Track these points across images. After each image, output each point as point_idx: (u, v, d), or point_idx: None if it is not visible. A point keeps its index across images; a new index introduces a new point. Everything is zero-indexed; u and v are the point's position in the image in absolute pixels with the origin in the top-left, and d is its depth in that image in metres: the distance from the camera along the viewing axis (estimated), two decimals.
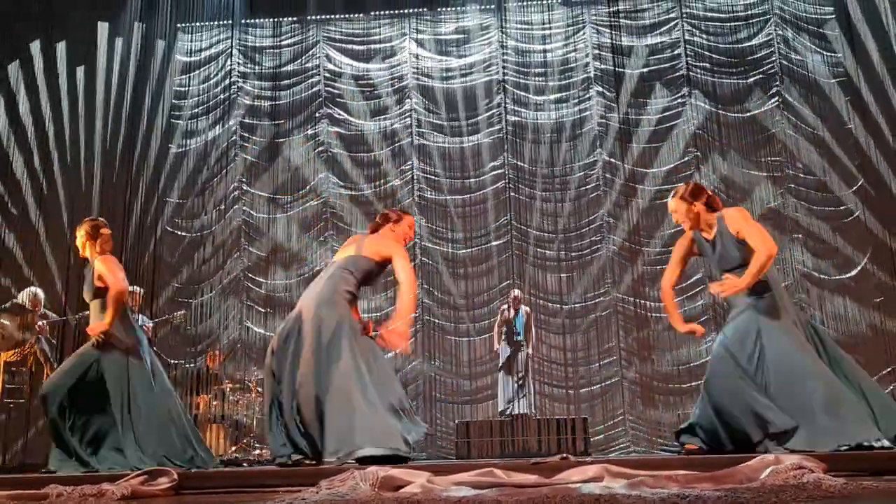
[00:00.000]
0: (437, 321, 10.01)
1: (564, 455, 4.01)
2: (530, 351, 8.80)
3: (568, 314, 9.84)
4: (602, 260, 9.97)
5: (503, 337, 8.73)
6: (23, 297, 7.08)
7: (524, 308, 8.88)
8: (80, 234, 4.93)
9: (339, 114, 10.66)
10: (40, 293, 7.28)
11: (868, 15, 9.60)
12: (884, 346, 8.96)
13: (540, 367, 9.31)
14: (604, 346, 9.72)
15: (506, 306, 8.87)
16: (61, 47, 9.43)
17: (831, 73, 10.01)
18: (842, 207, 9.68)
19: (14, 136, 8.81)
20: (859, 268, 9.44)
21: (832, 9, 10.13)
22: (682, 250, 4.42)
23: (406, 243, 4.68)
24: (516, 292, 8.96)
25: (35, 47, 9.19)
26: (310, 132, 10.63)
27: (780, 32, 10.29)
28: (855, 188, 9.64)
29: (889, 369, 8.82)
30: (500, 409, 8.80)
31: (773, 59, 10.23)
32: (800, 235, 9.77)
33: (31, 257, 8.58)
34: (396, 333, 4.30)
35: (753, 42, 10.35)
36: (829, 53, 10.07)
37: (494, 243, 10.10)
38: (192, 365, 8.68)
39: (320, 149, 10.57)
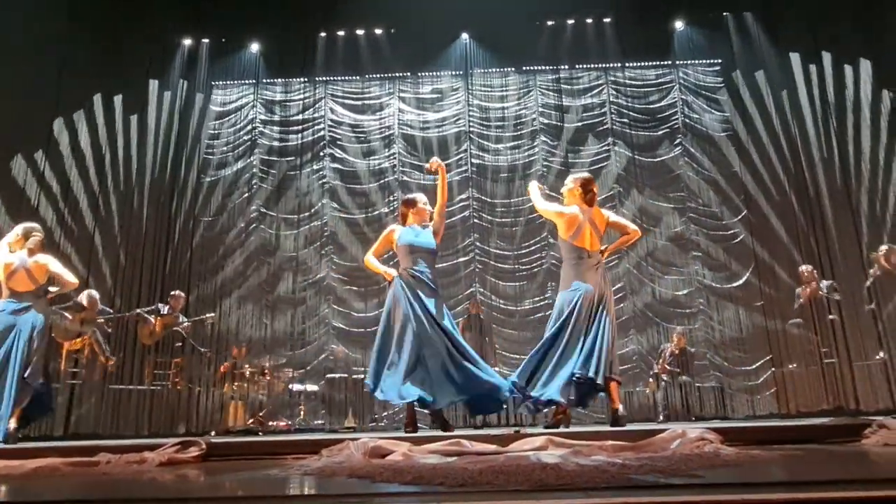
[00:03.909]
0: None
1: (517, 429, 3.96)
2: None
3: (519, 314, 9.82)
4: (545, 271, 9.98)
5: None
6: (82, 297, 6.89)
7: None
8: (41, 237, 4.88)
9: (339, 154, 10.58)
10: (95, 294, 7.09)
11: (750, 85, 9.79)
12: (764, 341, 9.07)
13: (499, 357, 9.22)
14: None
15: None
16: (118, 99, 9.29)
17: (722, 129, 10.16)
18: (730, 232, 9.80)
19: (77, 169, 8.62)
20: (744, 279, 9.55)
21: (722, 79, 10.31)
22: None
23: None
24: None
25: (97, 99, 9.04)
26: (314, 167, 10.53)
27: (683, 97, 10.43)
28: (740, 217, 9.77)
29: (769, 357, 8.93)
30: None
31: (677, 117, 10.35)
32: (699, 254, 9.87)
33: (87, 264, 8.37)
34: None
35: (662, 103, 10.46)
36: (720, 113, 10.22)
37: (462, 259, 10.06)
38: (218, 354, 8.51)
39: (322, 181, 10.49)
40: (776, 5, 9.35)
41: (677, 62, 10.46)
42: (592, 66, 10.58)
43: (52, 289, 4.96)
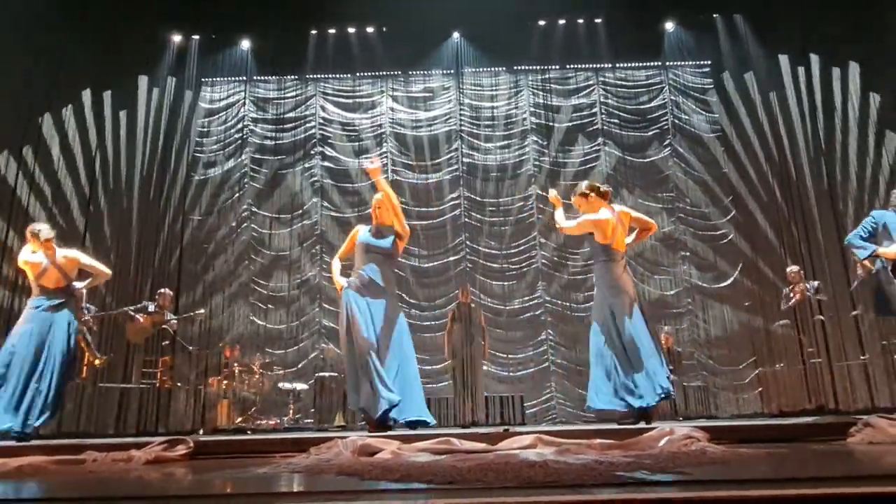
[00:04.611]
0: (406, 320, 9.87)
1: (506, 427, 3.97)
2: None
3: (508, 313, 9.83)
4: (535, 270, 10.00)
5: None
6: None
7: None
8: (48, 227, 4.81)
9: (329, 153, 10.55)
10: (82, 290, 7.00)
11: (739, 87, 9.85)
12: (750, 340, 9.14)
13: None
14: (536, 338, 9.73)
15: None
16: (107, 95, 9.22)
17: (711, 130, 10.23)
18: (719, 232, 9.87)
19: (66, 166, 8.54)
20: (732, 279, 9.61)
21: (711, 80, 10.38)
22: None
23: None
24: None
25: (86, 95, 8.96)
26: (305, 166, 10.49)
27: (672, 98, 10.48)
28: (728, 217, 9.84)
29: (753, 358, 8.99)
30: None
31: (667, 118, 10.41)
32: (687, 254, 9.92)
33: None
34: None
35: (652, 104, 10.52)
36: (709, 114, 10.28)
37: (452, 258, 10.05)
38: (208, 351, 8.45)
39: (313, 180, 10.45)
40: (766, 7, 9.40)
41: (667, 63, 10.51)
42: (583, 66, 10.61)
43: (77, 284, 4.91)
